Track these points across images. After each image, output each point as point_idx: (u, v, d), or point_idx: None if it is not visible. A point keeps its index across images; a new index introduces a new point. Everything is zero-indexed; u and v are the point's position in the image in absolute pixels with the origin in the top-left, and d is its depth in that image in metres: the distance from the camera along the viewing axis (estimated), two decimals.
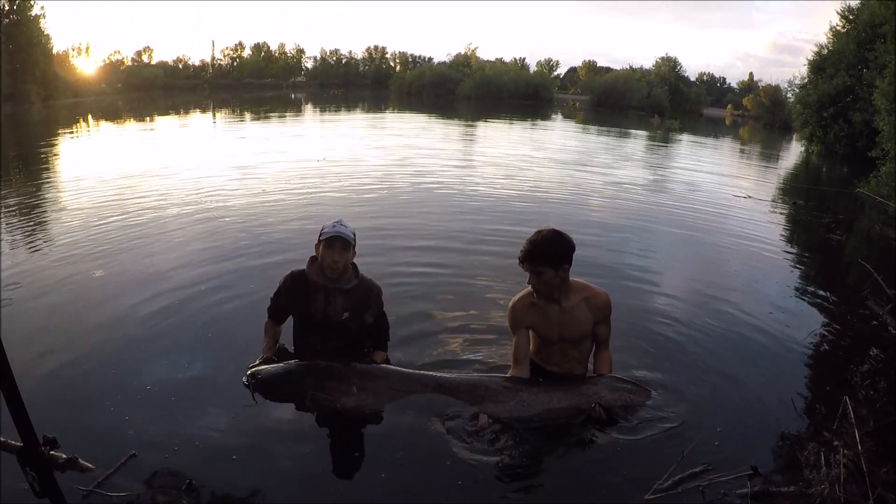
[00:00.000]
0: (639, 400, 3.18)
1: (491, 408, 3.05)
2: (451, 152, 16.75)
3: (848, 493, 2.60)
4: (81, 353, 3.73)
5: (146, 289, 4.83)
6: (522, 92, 63.62)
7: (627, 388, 3.22)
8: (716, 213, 9.66)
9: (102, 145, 17.69)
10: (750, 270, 6.49)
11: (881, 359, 4.32)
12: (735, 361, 4.00)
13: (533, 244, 3.04)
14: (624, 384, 3.24)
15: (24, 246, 6.12)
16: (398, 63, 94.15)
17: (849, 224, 9.70)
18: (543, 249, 3.02)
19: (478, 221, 7.70)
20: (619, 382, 3.24)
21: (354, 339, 3.50)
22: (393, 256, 5.85)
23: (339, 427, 3.05)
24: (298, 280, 3.43)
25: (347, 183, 10.31)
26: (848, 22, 24.02)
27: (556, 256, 3.02)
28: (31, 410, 1.26)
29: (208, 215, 7.43)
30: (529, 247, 3.04)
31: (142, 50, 75.06)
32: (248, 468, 2.69)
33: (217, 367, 3.58)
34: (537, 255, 3.03)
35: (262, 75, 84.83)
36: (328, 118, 33.06)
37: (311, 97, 58.62)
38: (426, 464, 2.81)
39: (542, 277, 3.06)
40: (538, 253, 3.03)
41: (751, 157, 24.14)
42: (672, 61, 68.81)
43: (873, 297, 5.38)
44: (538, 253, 3.03)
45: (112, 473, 2.54)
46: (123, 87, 55.97)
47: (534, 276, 3.09)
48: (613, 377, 3.28)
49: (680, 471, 2.72)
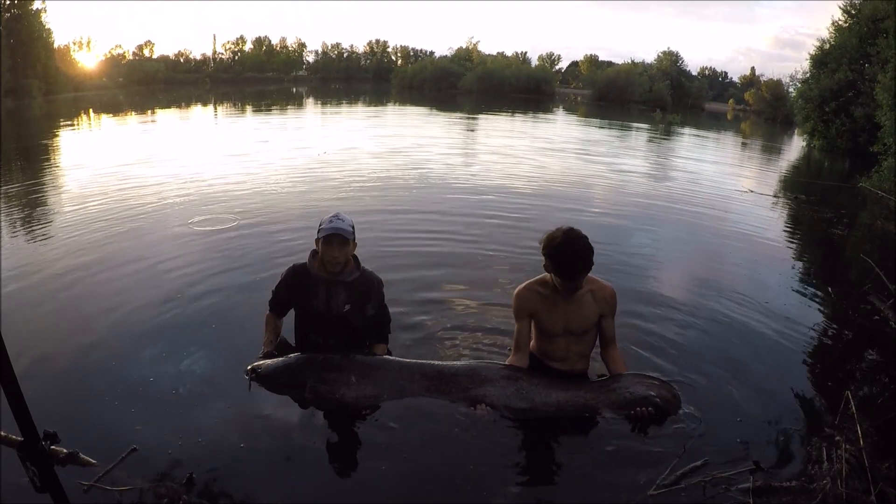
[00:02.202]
0: (664, 392, 3.12)
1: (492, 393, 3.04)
2: (452, 145, 16.73)
3: (850, 488, 2.60)
4: (82, 348, 3.73)
5: (148, 283, 4.84)
6: (524, 86, 63.39)
7: (652, 382, 3.18)
8: (717, 208, 9.63)
9: (103, 139, 17.70)
10: (751, 265, 6.47)
11: (883, 354, 4.31)
12: (736, 356, 3.99)
13: (577, 258, 2.95)
14: (648, 379, 3.20)
15: (25, 240, 6.12)
16: (400, 57, 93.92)
17: (850, 219, 9.66)
18: (587, 261, 2.98)
19: (479, 213, 7.67)
20: (643, 378, 3.21)
21: (356, 331, 3.50)
22: (394, 247, 5.85)
23: (340, 419, 3.05)
24: (300, 273, 3.43)
25: (348, 176, 10.30)
26: (850, 17, 23.87)
27: (591, 261, 3.01)
28: (31, 405, 1.26)
29: (209, 209, 7.42)
30: (573, 261, 2.95)
31: (143, 44, 75.37)
32: (249, 461, 2.69)
33: (219, 361, 3.58)
34: (584, 268, 2.99)
35: (263, 69, 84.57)
36: (330, 112, 33.03)
37: (313, 91, 58.54)
38: (426, 455, 2.81)
39: (580, 283, 3.06)
40: (584, 266, 2.99)
41: (752, 152, 24.06)
42: (674, 55, 68.51)
43: (875, 292, 5.37)
44: (584, 266, 2.99)
45: (113, 468, 2.54)
46: (125, 81, 55.92)
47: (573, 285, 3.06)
48: (636, 374, 3.25)
49: (681, 466, 2.72)
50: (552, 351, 3.33)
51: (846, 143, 22.58)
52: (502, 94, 59.38)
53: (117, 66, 61.73)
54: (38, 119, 24.23)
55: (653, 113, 42.50)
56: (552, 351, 3.33)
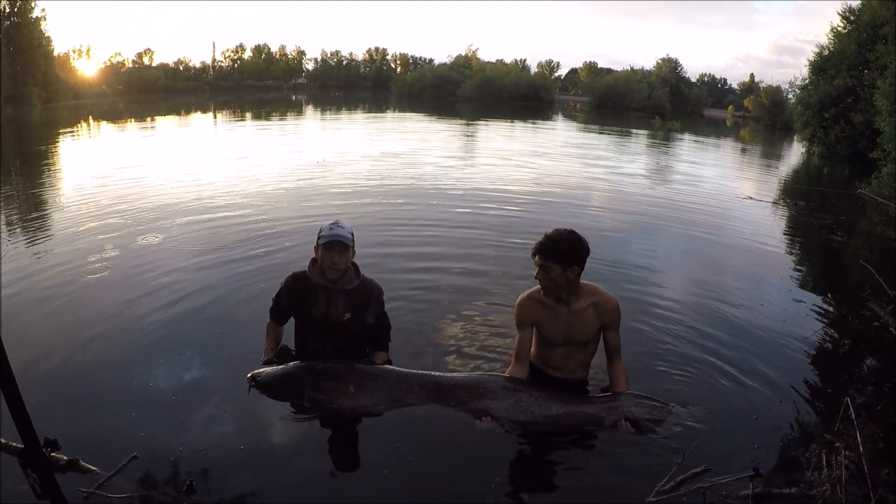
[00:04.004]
0: (661, 416, 3.13)
1: (491, 405, 3.05)
2: (451, 152, 16.74)
3: (849, 494, 2.60)
4: (83, 355, 3.73)
5: (148, 289, 4.83)
6: (523, 93, 63.53)
7: (653, 404, 3.17)
8: (717, 214, 9.65)
9: (103, 146, 17.70)
10: (751, 271, 6.48)
11: (882, 360, 4.31)
12: (736, 362, 3.98)
13: (548, 238, 3.06)
14: (647, 401, 3.19)
15: (25, 245, 6.12)
16: (399, 64, 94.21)
17: (850, 225, 9.68)
18: (557, 245, 3.03)
19: (479, 221, 7.69)
20: (642, 399, 3.20)
21: (356, 339, 3.50)
22: (393, 255, 5.85)
23: (340, 427, 3.05)
24: (300, 281, 3.43)
25: (347, 183, 10.32)
26: (849, 23, 24.00)
27: (568, 255, 3.03)
28: (32, 412, 1.26)
29: (209, 215, 7.43)
30: (544, 240, 3.06)
31: (143, 52, 75.29)
32: (249, 470, 2.69)
33: (219, 369, 3.58)
34: (549, 249, 3.04)
35: (262, 77, 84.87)
36: (329, 119, 33.08)
37: (312, 99, 58.64)
38: (425, 462, 2.81)
39: (550, 273, 3.06)
40: (551, 247, 3.04)
41: (752, 158, 24.12)
42: (673, 62, 68.75)
43: (874, 298, 5.37)
44: (551, 247, 3.04)
45: (113, 475, 2.54)
46: (124, 88, 55.97)
47: (541, 271, 3.09)
48: (637, 394, 3.24)
49: (681, 472, 2.72)
50: (552, 359, 3.34)
51: (845, 149, 22.66)
52: (501, 101, 59.47)
53: (117, 73, 61.76)
54: (38, 126, 24.26)
55: (652, 120, 42.62)
56: (552, 359, 3.34)
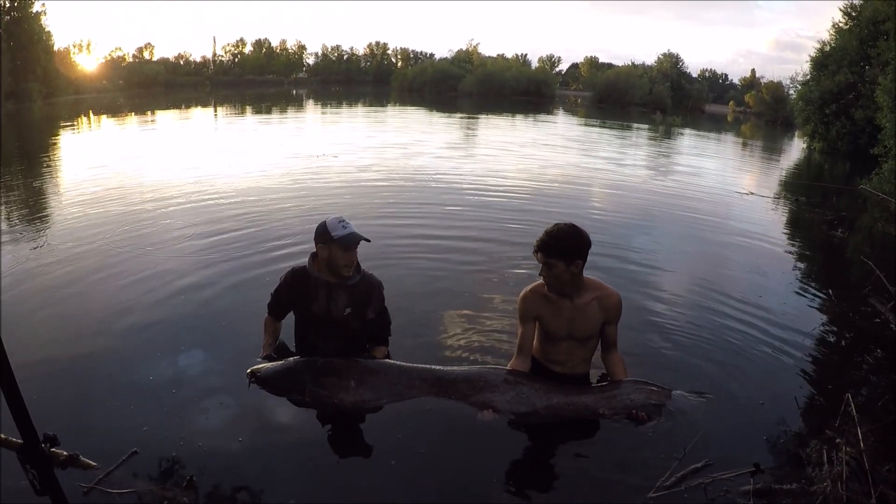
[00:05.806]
0: (663, 400, 3.14)
1: (492, 398, 3.05)
2: (452, 146, 16.73)
3: (850, 490, 2.59)
4: (83, 350, 3.73)
5: (148, 284, 4.83)
6: (524, 88, 63.49)
7: (651, 389, 3.18)
8: (717, 210, 9.64)
9: (103, 141, 17.70)
10: (751, 267, 6.47)
11: (883, 356, 4.30)
12: (736, 358, 3.99)
13: (549, 235, 3.04)
14: (646, 386, 3.21)
15: (25, 241, 6.12)
16: (400, 59, 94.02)
17: (851, 221, 9.66)
18: (558, 241, 3.02)
19: (480, 215, 7.69)
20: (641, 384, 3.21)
21: (356, 334, 3.49)
22: (395, 249, 5.84)
23: (340, 421, 3.05)
24: (300, 277, 3.42)
25: (347, 177, 10.31)
26: (850, 19, 23.88)
27: (570, 251, 3.02)
28: (31, 407, 1.25)
29: (209, 211, 7.43)
30: (545, 237, 3.05)
31: (143, 46, 75.43)
32: (250, 465, 2.69)
33: (219, 364, 3.57)
34: (551, 246, 3.03)
35: (263, 72, 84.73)
36: (329, 114, 33.04)
37: (313, 93, 58.58)
38: (427, 457, 2.81)
39: (553, 270, 3.05)
40: (552, 244, 3.02)
41: (753, 154, 24.09)
42: (674, 58, 68.66)
43: (875, 294, 5.36)
44: (552, 244, 3.02)
45: (113, 470, 2.54)
46: (125, 83, 55.96)
47: (545, 268, 3.08)
48: (636, 380, 3.25)
49: (682, 468, 2.71)
50: (554, 354, 3.33)
51: (846, 145, 22.60)
52: (502, 96, 59.41)
53: (117, 68, 61.75)
54: (38, 121, 24.24)
55: (653, 115, 42.57)
56: (554, 354, 3.33)
